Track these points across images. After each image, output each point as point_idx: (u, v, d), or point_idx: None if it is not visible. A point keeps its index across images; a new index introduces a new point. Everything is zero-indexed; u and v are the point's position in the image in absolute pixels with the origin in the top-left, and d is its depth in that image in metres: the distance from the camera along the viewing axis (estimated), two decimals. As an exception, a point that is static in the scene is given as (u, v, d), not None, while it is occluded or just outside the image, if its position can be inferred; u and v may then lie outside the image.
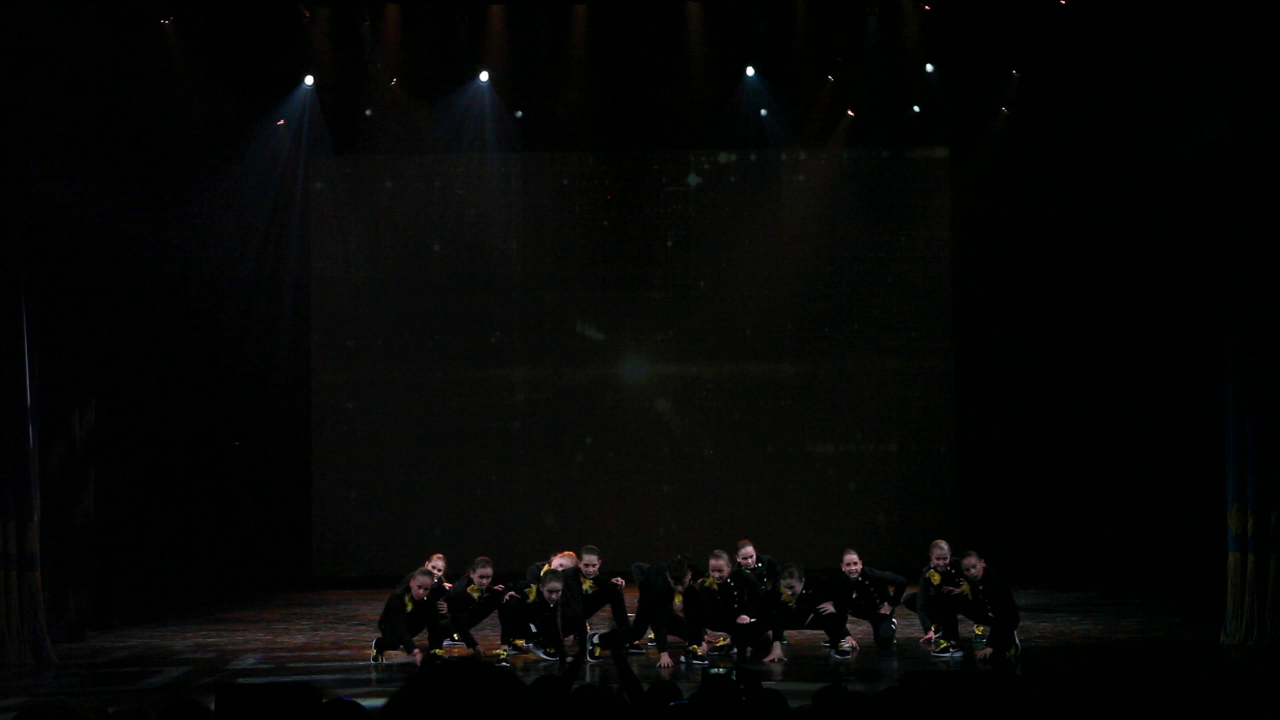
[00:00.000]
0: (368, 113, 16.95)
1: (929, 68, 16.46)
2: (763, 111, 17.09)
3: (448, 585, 11.40)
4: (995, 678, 4.85)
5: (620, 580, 11.56)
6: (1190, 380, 12.70)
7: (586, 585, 11.28)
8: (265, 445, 17.10)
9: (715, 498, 17.31)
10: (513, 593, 11.06)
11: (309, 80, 16.42)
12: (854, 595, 11.41)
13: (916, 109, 16.89)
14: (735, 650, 11.01)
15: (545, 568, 11.34)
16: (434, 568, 11.30)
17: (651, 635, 10.93)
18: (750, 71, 16.73)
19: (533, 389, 17.61)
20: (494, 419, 17.57)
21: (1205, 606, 11.75)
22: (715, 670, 10.20)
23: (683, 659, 10.65)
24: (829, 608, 11.07)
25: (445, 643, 11.06)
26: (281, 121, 16.78)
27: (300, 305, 17.53)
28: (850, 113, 17.04)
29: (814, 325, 17.54)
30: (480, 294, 17.51)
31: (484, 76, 16.56)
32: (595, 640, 10.86)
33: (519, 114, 17.10)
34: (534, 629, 11.12)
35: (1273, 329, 10.88)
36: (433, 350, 17.56)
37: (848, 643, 11.07)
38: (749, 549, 11.72)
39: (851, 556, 11.52)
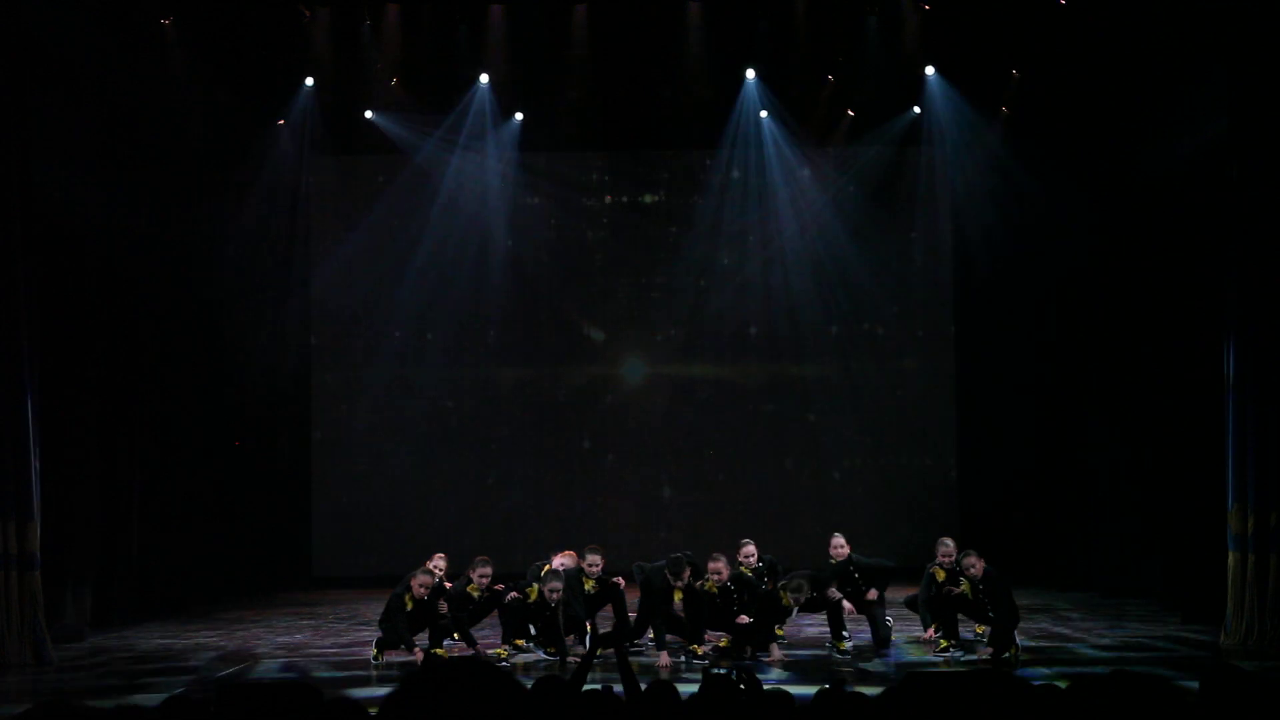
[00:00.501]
0: (368, 113, 16.96)
1: (929, 68, 16.47)
2: (763, 112, 17.10)
3: (448, 585, 11.40)
4: (995, 678, 4.83)
5: (621, 580, 11.55)
6: (1191, 380, 12.69)
7: (589, 585, 11.28)
8: (265, 445, 17.12)
9: (715, 498, 17.31)
10: (514, 593, 11.05)
11: (309, 81, 16.44)
12: (846, 588, 11.39)
13: (917, 109, 16.90)
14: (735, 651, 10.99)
15: (546, 568, 11.34)
16: (435, 567, 11.29)
17: (652, 635, 10.92)
18: (750, 73, 16.74)
19: (532, 389, 17.63)
20: (493, 419, 17.59)
21: (1205, 606, 11.74)
22: (715, 670, 10.19)
23: (682, 659, 10.64)
24: (836, 593, 11.04)
25: (445, 643, 11.06)
26: (281, 122, 16.80)
27: (300, 305, 17.55)
28: (850, 113, 17.06)
29: (815, 325, 17.57)
30: (479, 294, 17.53)
31: (484, 77, 16.57)
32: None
33: (519, 114, 17.11)
34: (534, 629, 11.11)
35: (1273, 329, 10.87)
36: (432, 350, 17.59)
37: (848, 642, 11.07)
38: (750, 548, 11.71)
39: (839, 540, 11.53)
